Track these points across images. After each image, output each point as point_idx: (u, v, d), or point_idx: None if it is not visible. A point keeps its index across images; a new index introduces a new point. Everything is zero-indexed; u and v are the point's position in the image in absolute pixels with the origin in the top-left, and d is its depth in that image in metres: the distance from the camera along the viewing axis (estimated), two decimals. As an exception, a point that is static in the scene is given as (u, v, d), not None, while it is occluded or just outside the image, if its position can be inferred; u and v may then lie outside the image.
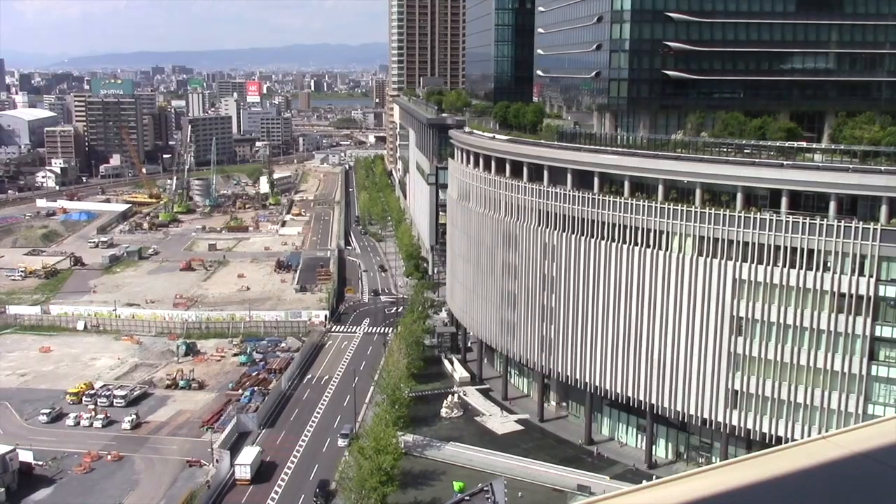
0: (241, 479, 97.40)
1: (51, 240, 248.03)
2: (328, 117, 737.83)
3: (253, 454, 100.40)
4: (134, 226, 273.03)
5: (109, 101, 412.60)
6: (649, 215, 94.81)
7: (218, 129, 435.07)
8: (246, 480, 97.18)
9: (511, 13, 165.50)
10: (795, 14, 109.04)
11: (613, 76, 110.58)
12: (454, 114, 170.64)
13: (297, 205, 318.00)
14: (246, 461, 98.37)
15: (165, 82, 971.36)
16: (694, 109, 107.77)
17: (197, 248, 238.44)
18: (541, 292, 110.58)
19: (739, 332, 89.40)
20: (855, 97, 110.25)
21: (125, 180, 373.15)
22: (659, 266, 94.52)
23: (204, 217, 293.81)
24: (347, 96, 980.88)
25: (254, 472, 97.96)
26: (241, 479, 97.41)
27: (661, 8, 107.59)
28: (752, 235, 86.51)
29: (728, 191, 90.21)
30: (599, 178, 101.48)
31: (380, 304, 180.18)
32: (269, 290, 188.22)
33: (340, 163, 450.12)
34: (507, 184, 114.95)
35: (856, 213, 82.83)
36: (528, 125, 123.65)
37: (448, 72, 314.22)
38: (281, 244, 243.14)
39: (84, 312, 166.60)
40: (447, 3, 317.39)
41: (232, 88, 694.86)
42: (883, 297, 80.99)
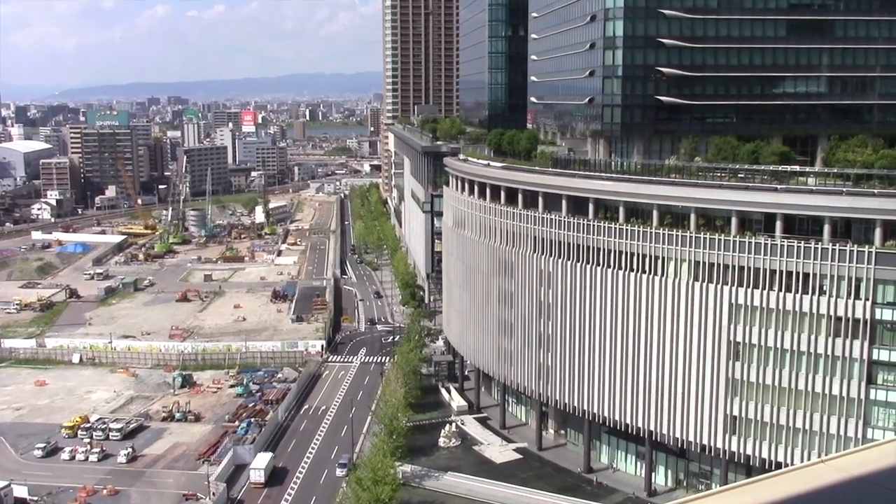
0: (255, 482, 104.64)
1: (46, 272, 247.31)
2: (323, 146, 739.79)
3: (266, 459, 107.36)
4: (129, 257, 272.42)
5: (105, 132, 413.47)
6: (644, 241, 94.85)
7: (213, 159, 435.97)
8: (260, 483, 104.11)
9: (504, 41, 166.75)
10: (787, 39, 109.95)
11: (607, 102, 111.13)
12: (449, 141, 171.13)
13: (293, 234, 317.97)
14: (260, 465, 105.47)
15: (161, 113, 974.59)
16: (687, 134, 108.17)
17: (192, 279, 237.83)
18: (537, 319, 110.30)
19: (737, 356, 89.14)
20: (847, 120, 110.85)
21: (121, 211, 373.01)
22: (655, 291, 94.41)
23: (199, 247, 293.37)
24: (342, 125, 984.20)
25: (267, 476, 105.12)
26: (255, 483, 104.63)
27: (653, 34, 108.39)
28: (747, 260, 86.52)
29: (722, 215, 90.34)
30: (594, 204, 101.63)
31: (376, 333, 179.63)
32: (266, 320, 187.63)
33: (336, 191, 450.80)
34: (503, 211, 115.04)
35: (850, 236, 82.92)
36: (523, 152, 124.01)
37: (442, 100, 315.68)
38: (277, 274, 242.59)
39: (79, 345, 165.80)
40: (441, 31, 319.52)
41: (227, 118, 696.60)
42: (879, 321, 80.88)
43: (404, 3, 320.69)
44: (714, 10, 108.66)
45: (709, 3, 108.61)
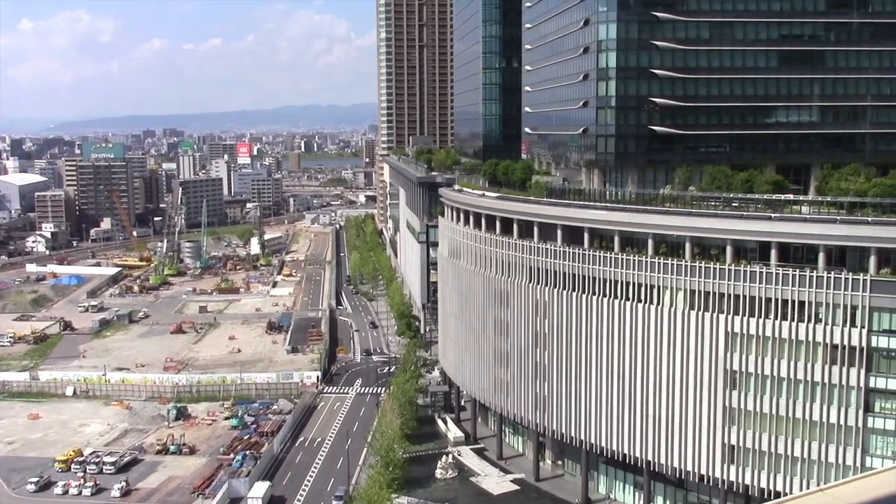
0: None
1: (40, 305, 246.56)
2: (318, 177, 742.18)
3: (264, 488, 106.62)
4: (124, 289, 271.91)
5: (100, 164, 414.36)
6: (640, 270, 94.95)
7: (209, 190, 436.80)
8: None
9: (498, 72, 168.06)
10: (778, 69, 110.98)
11: (601, 132, 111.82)
12: (444, 172, 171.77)
13: (288, 265, 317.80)
14: (258, 494, 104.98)
15: (156, 145, 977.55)
16: (681, 164, 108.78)
17: (187, 311, 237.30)
18: (533, 349, 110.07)
19: (734, 385, 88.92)
20: (839, 149, 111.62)
21: (116, 244, 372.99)
22: (651, 320, 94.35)
23: (194, 279, 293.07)
24: (337, 156, 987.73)
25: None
26: None
27: (645, 65, 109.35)
28: (742, 288, 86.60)
29: (717, 244, 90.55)
30: (589, 234, 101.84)
31: (372, 363, 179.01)
32: (261, 351, 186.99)
33: (331, 222, 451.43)
34: (498, 241, 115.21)
35: (845, 264, 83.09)
36: (518, 182, 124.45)
37: (437, 130, 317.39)
38: (272, 305, 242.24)
39: (73, 378, 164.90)
40: (435, 63, 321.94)
41: (223, 150, 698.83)
42: (875, 348, 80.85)
43: (399, 36, 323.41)
44: (706, 42, 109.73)
45: (700, 35, 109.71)
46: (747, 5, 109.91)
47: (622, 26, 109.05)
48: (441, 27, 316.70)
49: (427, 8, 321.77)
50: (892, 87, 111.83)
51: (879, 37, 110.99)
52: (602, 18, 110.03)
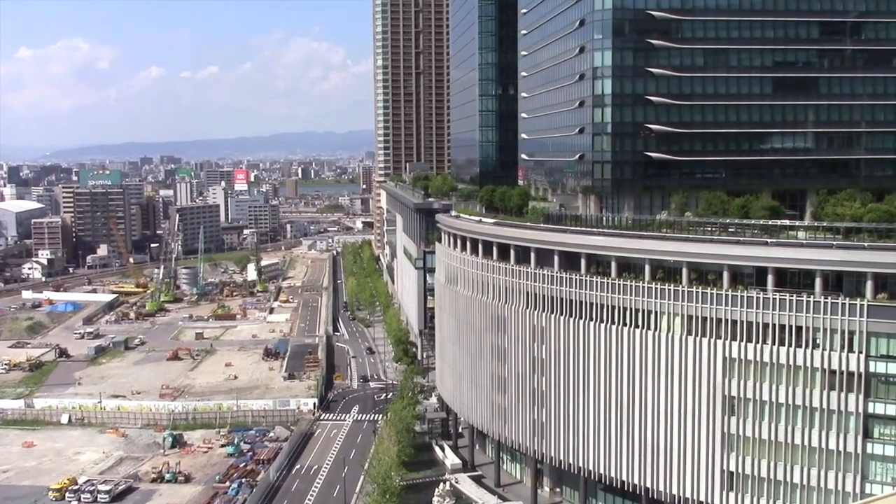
0: None
1: (36, 332, 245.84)
2: (315, 204, 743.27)
3: None
4: (120, 316, 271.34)
5: (97, 191, 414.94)
6: (637, 295, 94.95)
7: (205, 217, 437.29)
8: None
9: (494, 99, 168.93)
10: (773, 95, 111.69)
11: (597, 158, 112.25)
12: (441, 198, 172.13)
13: (285, 291, 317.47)
14: None
15: (153, 172, 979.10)
16: (677, 190, 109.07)
17: (184, 337, 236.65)
18: (531, 375, 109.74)
19: (732, 411, 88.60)
20: (835, 175, 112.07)
21: (112, 270, 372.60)
22: (649, 346, 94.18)
23: (191, 305, 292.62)
24: (335, 183, 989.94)
25: None
26: None
27: (641, 92, 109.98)
28: (740, 314, 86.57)
29: (714, 269, 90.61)
30: (586, 260, 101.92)
31: (369, 390, 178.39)
32: (257, 378, 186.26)
33: (328, 249, 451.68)
34: (495, 267, 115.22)
35: (842, 289, 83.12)
36: (514, 208, 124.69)
37: (434, 157, 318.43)
38: (269, 331, 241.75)
39: (68, 405, 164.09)
40: (432, 90, 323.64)
41: (220, 177, 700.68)
42: (874, 373, 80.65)
43: (396, 63, 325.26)
44: (700, 69, 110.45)
45: (695, 62, 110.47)
46: (741, 33, 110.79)
47: (617, 53, 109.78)
48: (437, 54, 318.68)
49: (423, 35, 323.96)
50: (885, 113, 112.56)
51: (872, 63, 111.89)
52: (597, 46, 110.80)
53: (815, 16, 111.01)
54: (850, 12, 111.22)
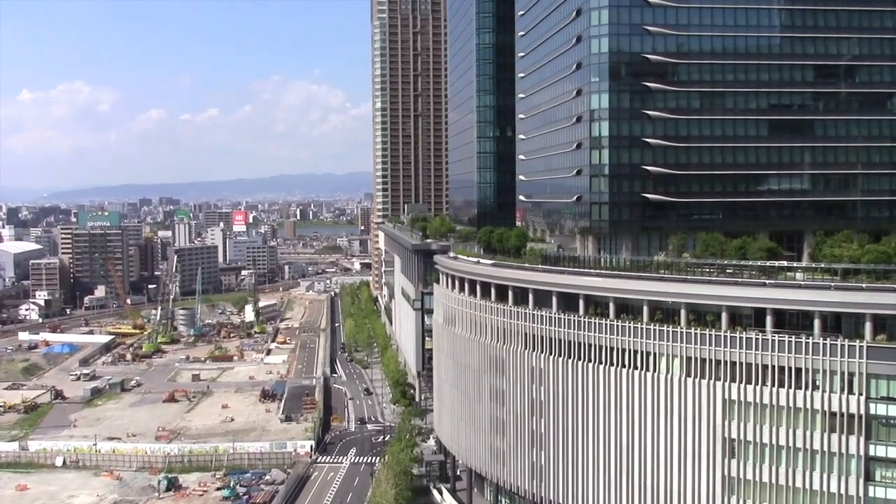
0: None
1: (32, 373, 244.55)
2: (314, 245, 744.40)
3: None
4: (117, 357, 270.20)
5: (96, 233, 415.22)
6: (635, 336, 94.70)
7: (204, 258, 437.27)
8: None
9: (492, 141, 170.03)
10: (769, 138, 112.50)
11: (594, 200, 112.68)
12: (439, 239, 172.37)
13: (283, 333, 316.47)
14: None
15: (152, 213, 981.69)
16: (675, 231, 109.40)
17: (180, 379, 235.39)
18: (530, 417, 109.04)
19: (732, 454, 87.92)
20: (831, 216, 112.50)
21: (110, 311, 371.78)
22: (648, 388, 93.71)
23: (188, 347, 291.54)
24: (333, 224, 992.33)
25: None
26: None
27: (638, 134, 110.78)
28: (739, 355, 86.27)
29: (713, 311, 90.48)
30: (584, 301, 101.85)
31: (366, 432, 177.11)
32: (254, 420, 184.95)
33: (326, 290, 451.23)
34: (493, 308, 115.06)
35: (841, 330, 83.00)
36: (512, 249, 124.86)
37: (432, 198, 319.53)
38: (266, 373, 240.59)
39: (63, 448, 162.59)
40: (430, 132, 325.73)
41: (218, 218, 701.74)
42: (874, 416, 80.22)
43: (394, 106, 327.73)
44: (696, 111, 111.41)
45: (691, 104, 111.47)
46: (736, 76, 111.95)
47: (614, 96, 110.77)
48: (436, 97, 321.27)
49: (422, 78, 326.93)
50: (881, 155, 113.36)
51: (867, 106, 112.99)
52: (594, 88, 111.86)
53: (810, 59, 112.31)
54: (843, 55, 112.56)
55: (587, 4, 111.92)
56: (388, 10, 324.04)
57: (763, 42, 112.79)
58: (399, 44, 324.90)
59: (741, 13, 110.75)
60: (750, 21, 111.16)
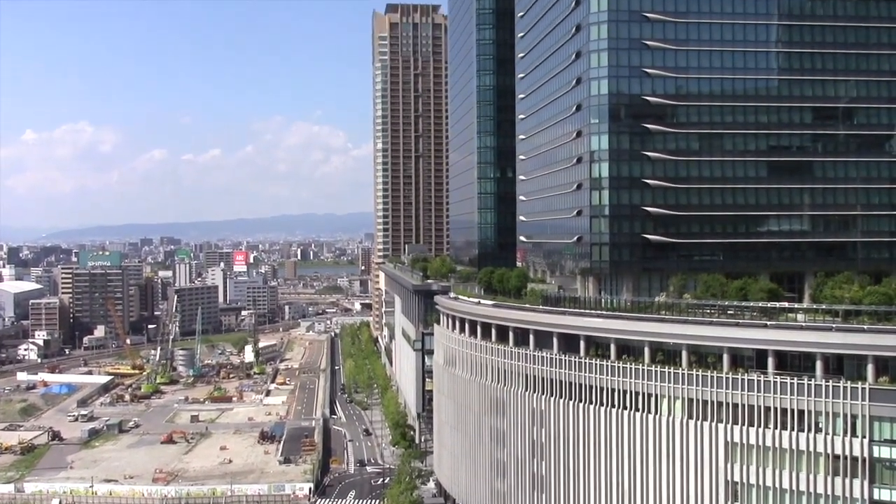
0: None
1: (29, 414, 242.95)
2: (314, 285, 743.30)
3: None
4: (115, 398, 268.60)
5: (96, 272, 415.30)
6: (637, 378, 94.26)
7: (204, 298, 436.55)
8: None
9: (493, 182, 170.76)
10: (768, 179, 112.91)
11: (595, 241, 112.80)
12: (439, 280, 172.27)
13: (282, 373, 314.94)
14: None
15: (153, 253, 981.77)
16: (675, 272, 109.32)
17: (179, 420, 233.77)
18: (530, 459, 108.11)
19: (735, 497, 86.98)
20: (832, 258, 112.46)
21: (109, 351, 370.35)
22: (649, 430, 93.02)
23: (187, 387, 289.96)
24: (333, 264, 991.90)
25: None
26: None
27: (637, 175, 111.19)
28: (741, 397, 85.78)
29: (714, 352, 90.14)
30: (585, 342, 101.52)
31: (366, 474, 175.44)
32: (252, 462, 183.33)
33: (326, 330, 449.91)
34: (494, 349, 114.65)
35: (843, 372, 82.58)
36: (513, 290, 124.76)
37: (433, 239, 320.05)
38: (265, 414, 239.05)
39: (59, 490, 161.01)
40: (431, 173, 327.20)
41: (219, 258, 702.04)
42: (878, 459, 79.49)
43: (395, 146, 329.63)
44: (696, 153, 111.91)
45: (691, 146, 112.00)
46: (735, 118, 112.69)
47: (614, 137, 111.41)
48: (437, 138, 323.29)
49: (423, 119, 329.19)
50: (880, 197, 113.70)
51: (865, 147, 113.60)
52: (594, 130, 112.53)
53: (808, 101, 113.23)
54: (841, 98, 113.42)
55: (587, 47, 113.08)
56: (390, 52, 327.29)
57: (761, 84, 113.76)
58: (400, 85, 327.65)
59: (739, 56, 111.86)
60: (748, 63, 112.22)
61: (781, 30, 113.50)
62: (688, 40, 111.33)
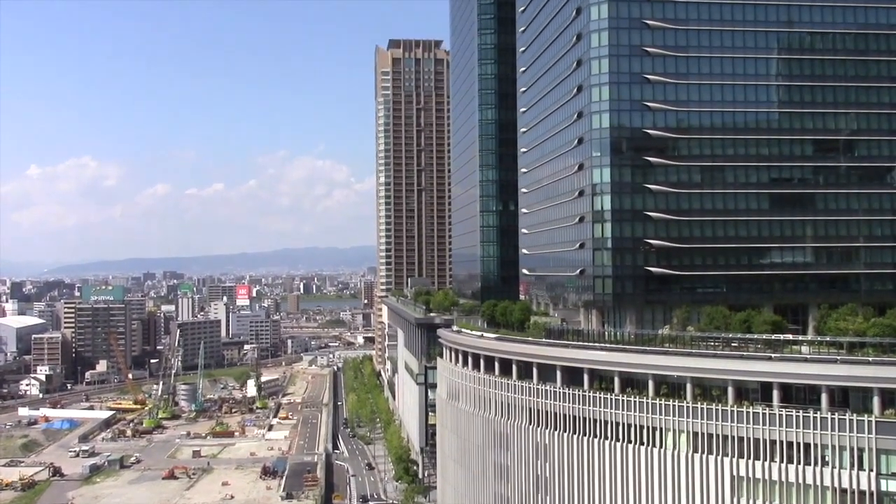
0: None
1: (30, 449, 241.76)
2: (317, 319, 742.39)
3: None
4: (117, 433, 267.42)
5: (99, 307, 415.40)
6: (641, 411, 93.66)
7: (206, 332, 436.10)
8: None
9: (495, 215, 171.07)
10: (770, 211, 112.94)
11: (598, 273, 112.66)
12: (442, 313, 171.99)
13: (285, 408, 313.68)
14: None
15: (156, 287, 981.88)
16: (679, 304, 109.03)
17: (181, 455, 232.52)
18: (535, 494, 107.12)
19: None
20: (835, 290, 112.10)
21: (111, 386, 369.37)
22: (654, 463, 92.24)
23: (189, 422, 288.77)
24: (336, 298, 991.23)
25: None
26: None
27: (640, 208, 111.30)
28: (746, 430, 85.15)
29: (719, 385, 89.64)
30: (589, 375, 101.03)
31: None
32: (254, 498, 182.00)
33: (329, 364, 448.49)
34: (497, 382, 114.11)
35: (849, 404, 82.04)
36: (516, 323, 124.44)
37: (435, 272, 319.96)
38: (267, 449, 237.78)
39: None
40: (433, 206, 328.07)
41: (222, 292, 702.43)
42: (886, 492, 78.65)
43: (398, 180, 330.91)
44: (698, 185, 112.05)
45: (692, 178, 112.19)
46: (736, 150, 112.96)
47: (616, 170, 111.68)
48: (439, 171, 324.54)
49: (425, 153, 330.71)
50: (882, 229, 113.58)
51: (867, 180, 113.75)
52: (596, 163, 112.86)
53: (809, 134, 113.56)
54: (842, 130, 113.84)
55: (588, 81, 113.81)
56: (392, 87, 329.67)
57: (762, 117, 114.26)
58: (403, 119, 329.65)
59: (739, 89, 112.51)
60: (748, 97, 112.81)
61: (781, 63, 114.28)
62: (688, 74, 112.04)
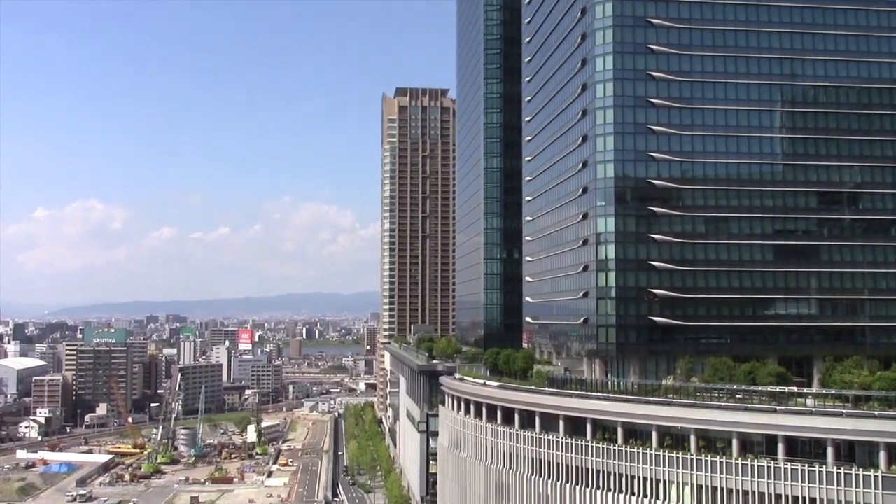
0: None
1: (27, 493, 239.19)
2: (319, 364, 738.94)
3: None
4: (115, 477, 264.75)
5: (101, 349, 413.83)
6: (644, 463, 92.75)
7: (208, 376, 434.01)
8: None
9: (499, 263, 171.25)
10: (774, 262, 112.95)
11: (601, 322, 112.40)
12: (445, 360, 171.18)
13: (285, 454, 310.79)
14: None
15: (159, 331, 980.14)
16: (682, 354, 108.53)
17: (178, 501, 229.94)
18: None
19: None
20: (840, 342, 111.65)
21: (110, 430, 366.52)
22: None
23: (188, 468, 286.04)
24: (339, 343, 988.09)
25: None
26: None
27: (643, 257, 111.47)
28: (751, 483, 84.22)
29: (723, 437, 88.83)
30: (592, 425, 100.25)
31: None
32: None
33: (330, 410, 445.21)
34: (499, 431, 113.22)
35: (854, 459, 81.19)
36: (519, 371, 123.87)
37: (438, 319, 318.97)
38: (266, 496, 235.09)
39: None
40: (437, 253, 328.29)
41: (224, 336, 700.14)
42: (894, 549, 77.51)
43: (402, 226, 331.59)
44: (702, 235, 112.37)
45: (696, 229, 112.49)
46: (741, 201, 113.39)
47: (620, 220, 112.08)
48: (444, 218, 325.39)
49: (430, 200, 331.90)
50: (888, 281, 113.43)
51: (871, 232, 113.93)
52: (600, 212, 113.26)
53: (813, 186, 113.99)
54: (846, 182, 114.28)
55: (593, 131, 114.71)
56: (399, 134, 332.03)
57: (766, 169, 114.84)
58: (408, 166, 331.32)
59: (744, 141, 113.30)
60: (753, 148, 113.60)
61: (785, 115, 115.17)
62: (693, 125, 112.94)
